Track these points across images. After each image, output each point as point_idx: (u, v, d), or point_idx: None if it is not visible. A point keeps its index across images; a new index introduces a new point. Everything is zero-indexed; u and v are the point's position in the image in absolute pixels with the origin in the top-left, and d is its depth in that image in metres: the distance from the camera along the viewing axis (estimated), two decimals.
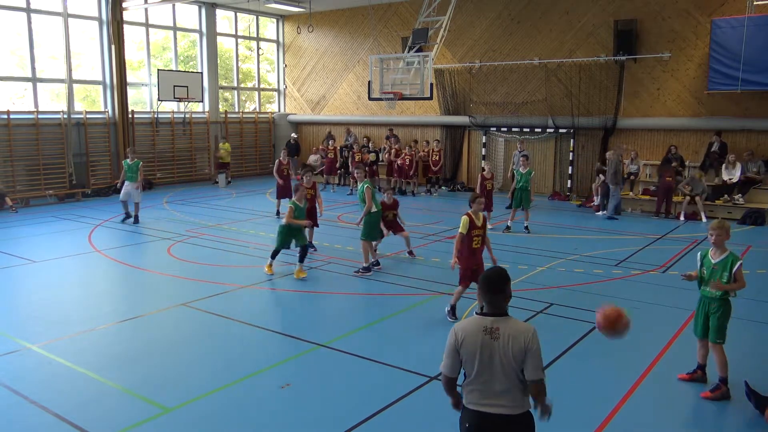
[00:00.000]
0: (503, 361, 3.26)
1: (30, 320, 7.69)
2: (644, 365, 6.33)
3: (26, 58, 17.48)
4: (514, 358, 3.25)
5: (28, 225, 13.87)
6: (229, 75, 23.78)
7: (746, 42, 14.52)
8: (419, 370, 6.13)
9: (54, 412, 5.29)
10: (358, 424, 5.12)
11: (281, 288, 9.19)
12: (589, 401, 5.58)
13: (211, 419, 5.22)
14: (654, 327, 7.57)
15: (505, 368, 3.26)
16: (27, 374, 6.10)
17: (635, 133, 17.49)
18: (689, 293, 8.85)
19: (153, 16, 20.63)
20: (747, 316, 7.94)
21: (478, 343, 3.29)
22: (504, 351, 3.25)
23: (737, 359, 6.56)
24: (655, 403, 5.56)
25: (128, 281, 9.79)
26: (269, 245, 12.00)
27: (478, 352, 3.29)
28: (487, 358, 3.28)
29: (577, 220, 14.92)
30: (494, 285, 3.37)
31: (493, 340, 3.27)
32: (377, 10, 21.27)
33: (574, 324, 7.52)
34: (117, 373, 6.14)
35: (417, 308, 8.10)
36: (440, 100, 20.46)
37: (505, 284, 3.39)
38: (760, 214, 14.37)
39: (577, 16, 17.92)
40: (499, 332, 3.27)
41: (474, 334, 3.31)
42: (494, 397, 3.29)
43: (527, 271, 9.98)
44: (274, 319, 7.85)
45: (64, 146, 17.91)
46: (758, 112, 15.54)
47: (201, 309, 8.09)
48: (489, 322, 3.32)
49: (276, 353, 6.63)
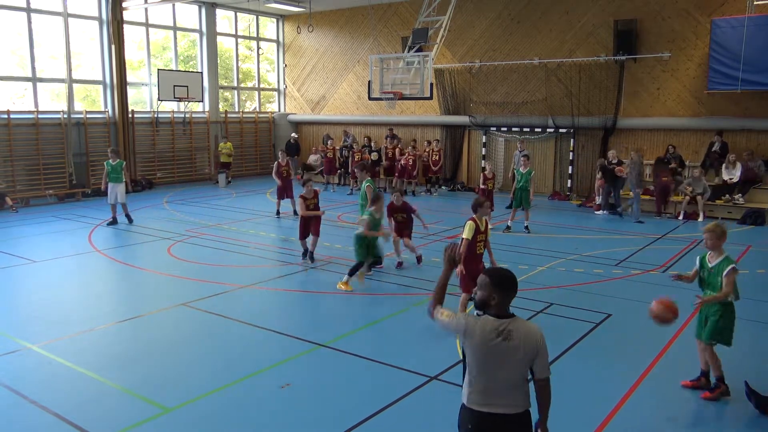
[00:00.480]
0: (513, 362, 3.25)
1: (30, 320, 7.69)
2: (644, 365, 6.33)
3: (26, 57, 17.48)
4: (527, 358, 3.26)
5: (28, 225, 13.87)
6: (229, 75, 23.78)
7: (746, 42, 14.52)
8: (419, 370, 6.13)
9: (54, 412, 5.29)
10: (358, 424, 5.12)
11: (281, 288, 9.19)
12: (589, 401, 5.58)
13: (211, 419, 5.22)
14: (654, 327, 7.53)
15: (514, 369, 3.26)
16: (27, 374, 6.10)
17: (635, 133, 17.49)
18: (689, 293, 8.82)
19: (153, 16, 20.63)
20: (746, 316, 7.94)
21: (491, 345, 3.25)
22: (515, 352, 3.24)
23: (737, 359, 6.56)
24: (655, 404, 5.56)
25: (128, 281, 9.79)
26: (269, 245, 12.04)
27: (489, 354, 3.26)
28: (498, 360, 3.25)
29: (577, 220, 14.92)
30: (511, 284, 3.34)
31: (506, 341, 3.24)
32: (377, 10, 21.27)
33: (574, 324, 7.53)
34: (117, 373, 6.14)
35: (417, 308, 8.10)
36: (440, 100, 20.46)
37: (517, 285, 3.39)
38: (760, 214, 14.37)
39: (577, 15, 17.92)
40: (512, 335, 3.25)
41: (487, 336, 3.25)
42: (499, 397, 3.29)
43: (527, 271, 9.98)
44: (274, 319, 7.85)
45: (64, 146, 17.92)
46: (758, 112, 15.54)
47: (201, 309, 8.09)
48: (502, 325, 3.27)
49: (276, 353, 6.63)
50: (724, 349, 5.76)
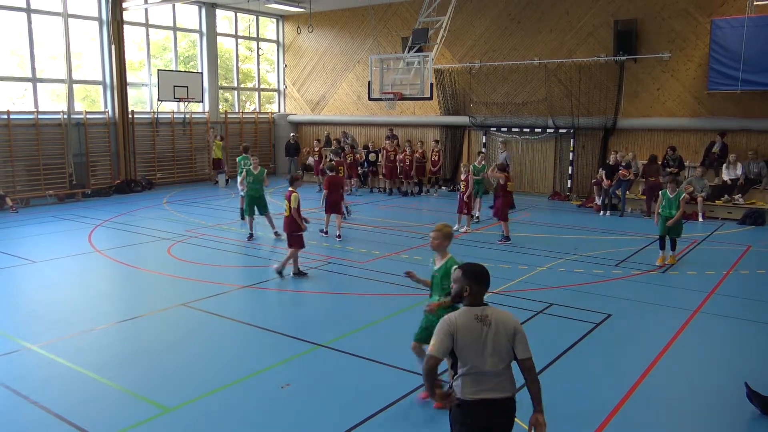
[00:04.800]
0: (496, 346, 3.48)
1: (30, 320, 7.69)
2: (644, 365, 6.33)
3: (26, 58, 17.48)
4: (507, 339, 3.49)
5: (28, 225, 13.87)
6: (229, 75, 23.78)
7: (746, 42, 14.52)
8: (419, 370, 6.12)
9: (54, 412, 5.28)
10: (358, 424, 5.12)
11: (281, 288, 9.19)
12: (589, 401, 5.57)
13: (211, 419, 5.22)
14: (654, 327, 7.57)
15: (498, 352, 3.48)
16: (27, 374, 6.10)
17: (635, 133, 17.49)
18: (690, 293, 8.87)
19: (153, 16, 20.64)
20: (746, 316, 7.95)
21: (474, 330, 3.48)
22: (495, 335, 3.48)
23: (737, 359, 6.57)
24: (654, 404, 5.55)
25: (128, 281, 9.79)
26: (268, 245, 12.04)
27: (474, 340, 3.47)
28: (482, 344, 3.47)
29: (577, 220, 14.92)
30: (483, 277, 3.61)
31: (485, 326, 3.48)
32: (377, 10, 21.27)
33: (574, 324, 7.52)
34: (117, 373, 6.14)
35: (417, 308, 8.07)
36: (440, 100, 20.46)
37: (488, 277, 3.65)
38: (760, 214, 14.37)
39: (577, 16, 17.92)
40: (490, 319, 3.50)
41: (468, 323, 3.49)
42: (489, 383, 3.48)
43: (527, 271, 9.97)
44: (274, 319, 7.84)
45: (64, 146, 17.91)
46: (758, 112, 15.53)
47: (201, 309, 8.08)
48: (479, 312, 3.52)
49: (276, 353, 6.63)
50: (724, 350, 5.75)
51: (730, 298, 8.66)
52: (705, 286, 9.19)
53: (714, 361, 6.57)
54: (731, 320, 7.80)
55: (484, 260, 7.61)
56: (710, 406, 5.61)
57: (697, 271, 10.07)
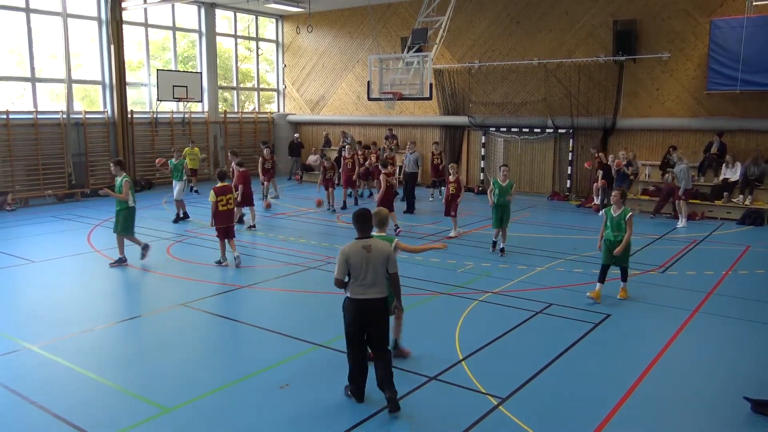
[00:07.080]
0: (375, 265, 5.28)
1: (29, 320, 7.68)
2: (643, 365, 6.33)
3: (25, 57, 17.47)
4: (382, 261, 5.31)
5: (27, 225, 13.86)
6: (228, 75, 23.78)
7: (745, 42, 14.53)
8: (419, 370, 6.14)
9: (53, 412, 5.29)
10: (359, 423, 5.12)
11: (281, 288, 9.19)
12: (589, 401, 5.58)
13: (211, 419, 5.22)
14: (654, 327, 7.58)
15: (377, 269, 5.29)
16: (27, 374, 6.10)
17: (634, 133, 17.50)
18: (689, 293, 8.88)
19: (152, 16, 20.63)
20: (747, 316, 7.96)
21: (360, 255, 5.27)
22: (375, 257, 5.29)
23: (736, 359, 6.57)
24: (653, 404, 5.56)
25: (128, 281, 9.78)
26: (268, 245, 12.03)
27: (360, 261, 5.26)
28: (366, 264, 5.26)
29: (577, 220, 14.93)
30: (364, 217, 5.43)
31: (368, 252, 5.27)
32: (377, 10, 21.28)
33: (574, 324, 7.53)
34: (116, 373, 6.15)
35: (417, 308, 8.10)
36: (439, 100, 20.46)
37: (371, 219, 5.54)
38: (759, 214, 14.38)
39: (577, 16, 17.93)
40: (371, 247, 5.29)
41: (357, 251, 5.28)
42: (369, 288, 5.29)
43: (527, 271, 9.97)
44: (274, 319, 7.84)
45: (63, 146, 17.90)
46: (757, 113, 15.54)
47: (201, 309, 8.08)
48: (364, 243, 5.32)
49: (276, 353, 6.63)
50: (724, 350, 5.75)
51: (730, 299, 8.67)
52: (704, 286, 9.19)
53: (713, 362, 6.57)
54: (730, 320, 7.80)
55: (485, 260, 7.62)
56: (709, 406, 5.61)
57: (696, 271, 10.08)
